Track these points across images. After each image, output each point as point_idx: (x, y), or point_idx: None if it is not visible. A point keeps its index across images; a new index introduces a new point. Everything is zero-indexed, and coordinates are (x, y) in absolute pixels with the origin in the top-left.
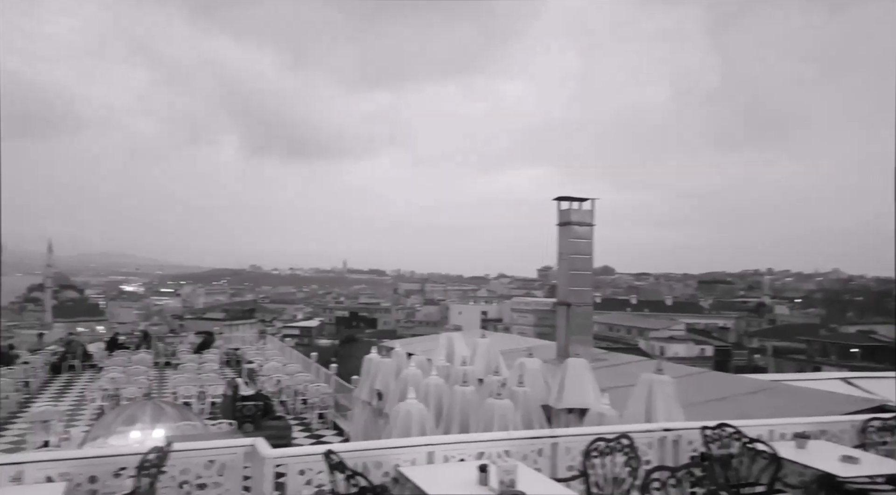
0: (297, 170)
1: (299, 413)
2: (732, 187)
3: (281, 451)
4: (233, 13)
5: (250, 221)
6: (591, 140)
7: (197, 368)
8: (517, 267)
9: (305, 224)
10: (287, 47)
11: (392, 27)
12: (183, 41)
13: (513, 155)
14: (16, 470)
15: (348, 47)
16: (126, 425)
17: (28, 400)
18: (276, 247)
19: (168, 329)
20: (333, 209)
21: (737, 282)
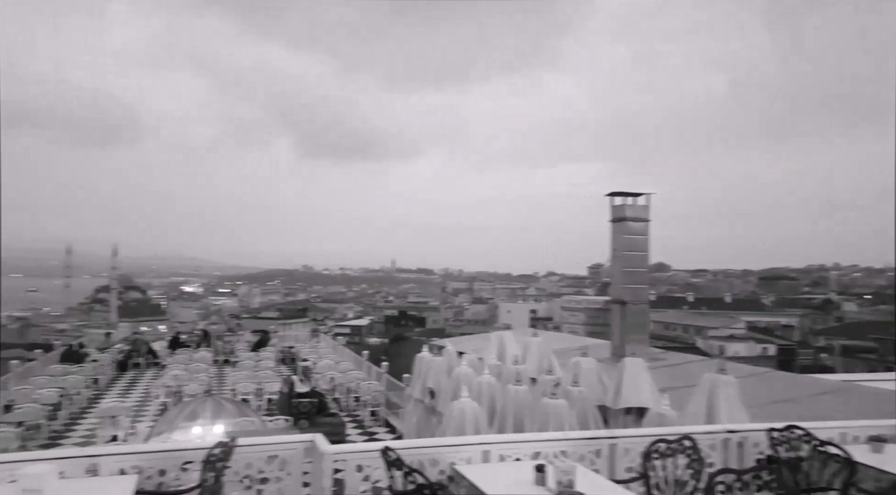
0: (347, 171)
1: (352, 410)
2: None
3: (339, 447)
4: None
5: (302, 222)
6: (644, 133)
7: (254, 366)
8: (567, 264)
9: (355, 224)
10: (336, 51)
11: (441, 27)
12: (236, 49)
13: (562, 151)
14: (92, 462)
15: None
16: (188, 421)
17: (97, 396)
18: (327, 247)
19: (226, 328)
20: (383, 209)
21: (801, 278)
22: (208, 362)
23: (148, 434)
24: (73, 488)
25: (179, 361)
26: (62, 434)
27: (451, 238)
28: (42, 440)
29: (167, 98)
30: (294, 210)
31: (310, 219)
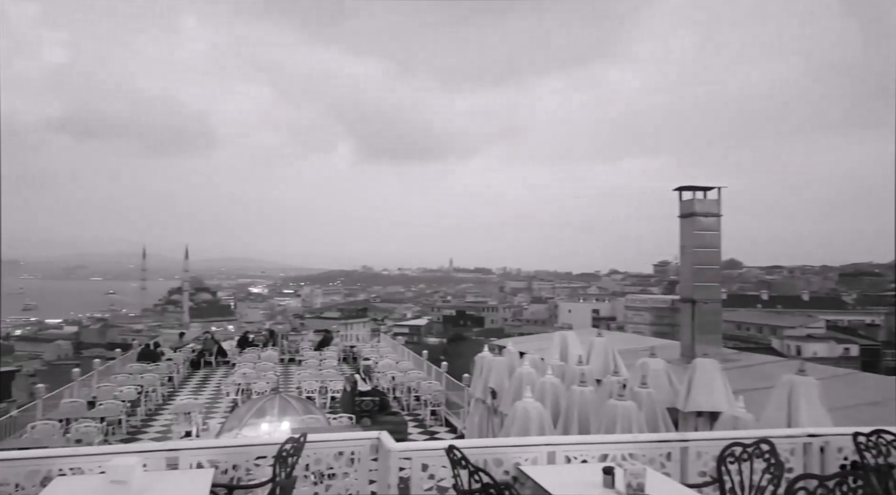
0: (404, 172)
1: (412, 409)
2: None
3: (405, 445)
4: (342, 26)
5: (361, 224)
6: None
7: (318, 364)
8: (630, 262)
9: (413, 225)
10: (394, 54)
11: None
12: (298, 57)
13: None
14: (172, 456)
15: (454, 49)
16: (257, 417)
17: (172, 393)
18: (386, 248)
19: (290, 327)
20: (440, 209)
21: (886, 274)
22: (275, 361)
23: (219, 430)
24: (156, 480)
25: (248, 360)
26: (140, 429)
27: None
28: (122, 435)
29: (235, 107)
30: (354, 212)
31: (369, 221)
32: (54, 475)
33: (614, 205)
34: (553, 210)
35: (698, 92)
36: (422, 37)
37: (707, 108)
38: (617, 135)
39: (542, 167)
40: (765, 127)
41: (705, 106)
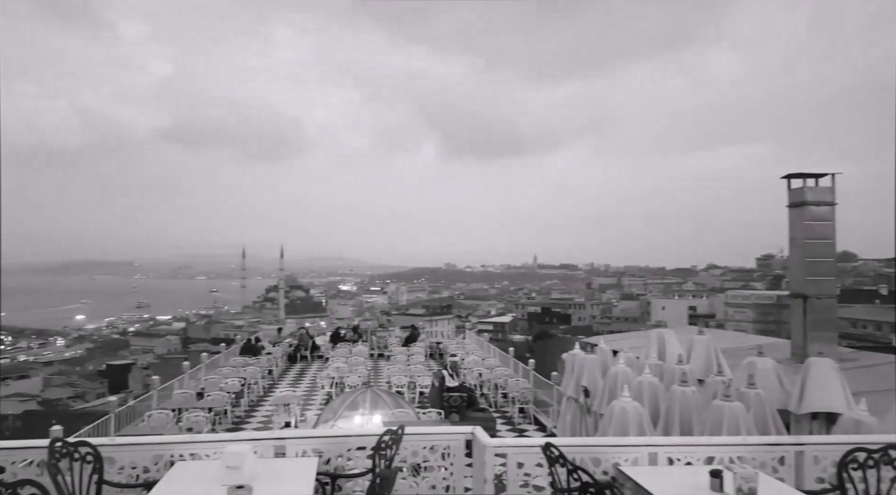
0: (488, 168)
1: (500, 406)
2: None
3: (499, 441)
4: (427, 25)
5: (445, 222)
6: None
7: (406, 360)
8: (730, 256)
9: (497, 221)
10: (478, 50)
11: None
12: (385, 59)
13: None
14: (279, 444)
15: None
16: (350, 410)
17: (271, 386)
18: (469, 245)
19: (377, 324)
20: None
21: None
22: (365, 356)
23: (315, 421)
24: (265, 466)
25: (340, 355)
26: (244, 419)
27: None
28: (228, 424)
29: (326, 111)
30: (438, 210)
31: (453, 219)
32: (175, 459)
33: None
34: (643, 203)
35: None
36: (507, 31)
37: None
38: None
39: (632, 158)
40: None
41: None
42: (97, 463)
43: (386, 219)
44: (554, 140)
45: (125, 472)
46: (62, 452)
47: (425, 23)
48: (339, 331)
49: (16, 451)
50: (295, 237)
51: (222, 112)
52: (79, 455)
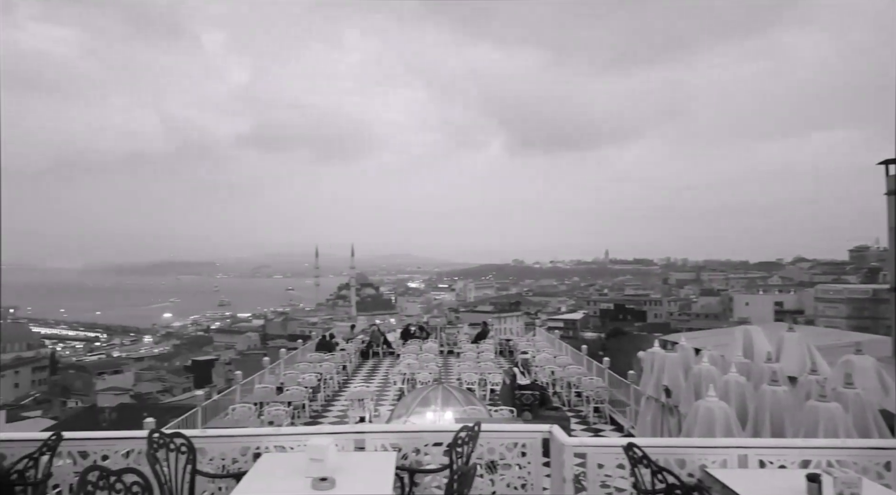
0: (559, 162)
1: (574, 405)
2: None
3: (579, 440)
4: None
5: (514, 218)
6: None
7: (476, 357)
8: (819, 248)
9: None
10: (547, 43)
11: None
12: (452, 56)
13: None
14: (359, 438)
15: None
16: (422, 406)
17: (346, 381)
18: (538, 240)
19: (446, 321)
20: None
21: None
22: (435, 352)
23: (388, 417)
24: (346, 459)
25: (411, 351)
26: (321, 413)
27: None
28: (306, 418)
29: (395, 111)
30: (506, 206)
31: (520, 214)
32: (262, 451)
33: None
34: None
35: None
36: (577, 22)
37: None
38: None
39: (710, 147)
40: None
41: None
42: (191, 454)
43: (453, 217)
44: (626, 131)
45: (215, 463)
46: (159, 443)
47: (492, 18)
48: (409, 327)
49: (118, 441)
50: (365, 236)
51: (296, 116)
52: (174, 446)
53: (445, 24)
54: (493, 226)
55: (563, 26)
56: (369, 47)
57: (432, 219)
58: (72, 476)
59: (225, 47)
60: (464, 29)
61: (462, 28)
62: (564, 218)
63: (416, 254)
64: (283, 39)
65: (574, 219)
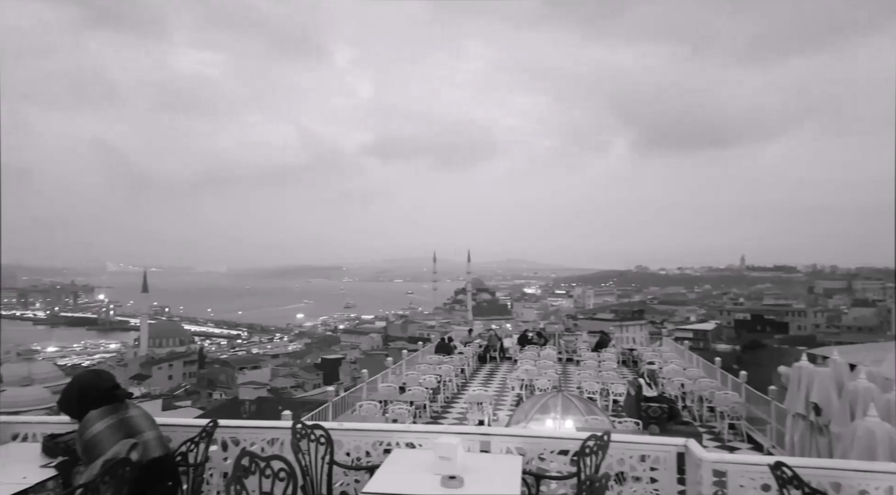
0: (691, 162)
1: (706, 421)
2: None
3: (718, 456)
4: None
5: (638, 221)
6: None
7: (597, 366)
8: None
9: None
10: (681, 37)
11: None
12: (576, 57)
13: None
14: (485, 440)
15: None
16: (541, 413)
17: (464, 384)
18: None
19: (563, 328)
20: (732, 199)
21: None
22: (553, 360)
23: (507, 421)
24: (473, 460)
25: (529, 357)
26: (440, 414)
27: (819, 228)
28: (427, 418)
29: (515, 115)
30: (630, 209)
31: (646, 218)
32: (392, 446)
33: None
34: (880, 192)
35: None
36: (714, 13)
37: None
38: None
39: (865, 141)
40: None
41: None
42: (328, 446)
43: (573, 221)
44: (766, 126)
45: (350, 455)
46: (302, 433)
47: (620, 15)
48: (526, 333)
49: (265, 430)
50: (482, 241)
51: (417, 125)
52: (314, 437)
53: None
54: (614, 230)
55: (698, 17)
56: (488, 54)
57: (551, 223)
58: (222, 461)
59: (353, 63)
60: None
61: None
62: (694, 221)
63: (533, 259)
64: (405, 52)
65: (705, 222)
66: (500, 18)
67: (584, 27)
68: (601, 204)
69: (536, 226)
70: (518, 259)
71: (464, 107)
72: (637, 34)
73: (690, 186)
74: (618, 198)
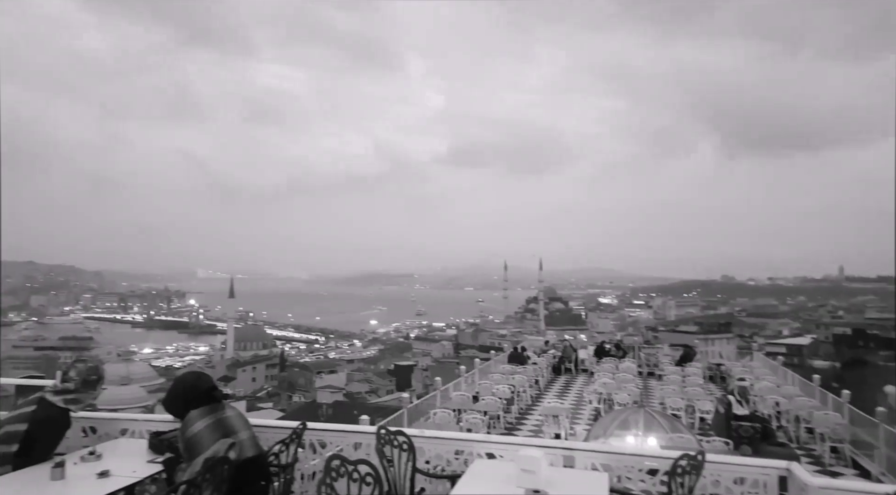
0: (782, 164)
1: (803, 443)
2: None
3: (826, 481)
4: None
5: (723, 228)
6: None
7: (681, 381)
8: None
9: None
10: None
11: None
12: (653, 59)
13: None
14: (569, 454)
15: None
16: (621, 429)
17: (538, 396)
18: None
19: (643, 340)
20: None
21: None
22: (633, 373)
23: (585, 436)
24: (557, 475)
25: (606, 370)
26: (515, 426)
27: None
28: (501, 429)
29: (589, 120)
30: (713, 215)
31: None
32: (473, 456)
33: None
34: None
35: None
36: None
37: None
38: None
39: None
40: None
41: None
42: (411, 452)
43: (651, 228)
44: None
45: (431, 463)
46: (386, 439)
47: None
48: (603, 345)
49: (350, 434)
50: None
51: (489, 131)
52: (397, 443)
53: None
54: (697, 237)
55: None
56: (560, 57)
57: (627, 230)
58: (309, 463)
59: (426, 72)
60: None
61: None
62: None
63: (609, 267)
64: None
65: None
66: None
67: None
68: (682, 210)
69: (612, 234)
70: (592, 267)
71: (536, 112)
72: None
73: (781, 191)
74: (701, 204)
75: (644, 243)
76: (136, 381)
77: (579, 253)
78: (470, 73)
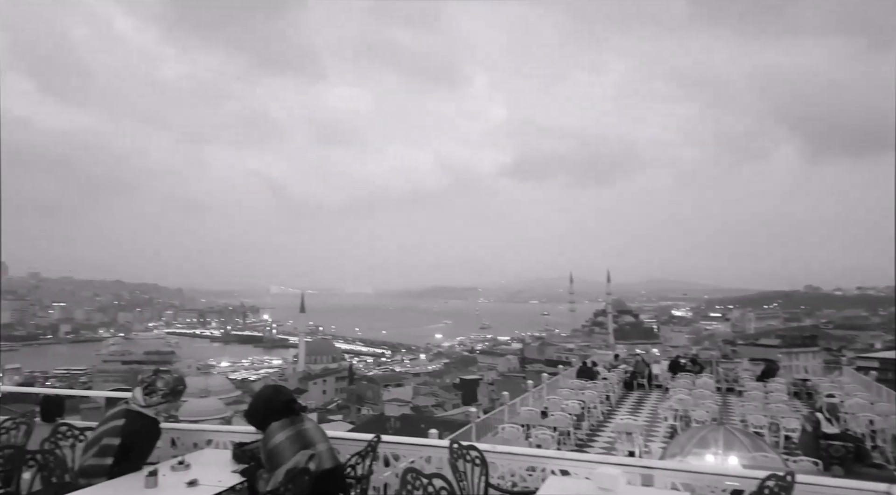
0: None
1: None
2: None
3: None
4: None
5: (805, 235)
6: None
7: (764, 397)
8: None
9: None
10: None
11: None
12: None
13: None
14: (647, 473)
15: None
16: (699, 447)
17: (610, 412)
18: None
19: (720, 354)
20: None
21: None
22: (711, 389)
23: (661, 454)
24: (636, 494)
25: (682, 386)
26: (586, 442)
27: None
28: (571, 445)
29: (661, 127)
30: (796, 222)
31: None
32: (546, 473)
33: None
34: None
35: None
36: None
37: None
38: None
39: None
40: None
41: None
42: (483, 467)
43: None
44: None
45: (505, 479)
46: (458, 453)
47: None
48: (678, 359)
49: (422, 448)
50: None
51: (554, 143)
52: (469, 457)
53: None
54: (778, 246)
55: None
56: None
57: (702, 240)
58: (382, 475)
59: (490, 86)
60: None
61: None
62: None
63: (682, 278)
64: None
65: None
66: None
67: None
68: (762, 217)
69: (685, 244)
70: (664, 279)
71: (603, 121)
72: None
73: (868, 196)
74: (781, 211)
75: (719, 253)
76: (214, 394)
77: (650, 264)
78: (536, 85)
